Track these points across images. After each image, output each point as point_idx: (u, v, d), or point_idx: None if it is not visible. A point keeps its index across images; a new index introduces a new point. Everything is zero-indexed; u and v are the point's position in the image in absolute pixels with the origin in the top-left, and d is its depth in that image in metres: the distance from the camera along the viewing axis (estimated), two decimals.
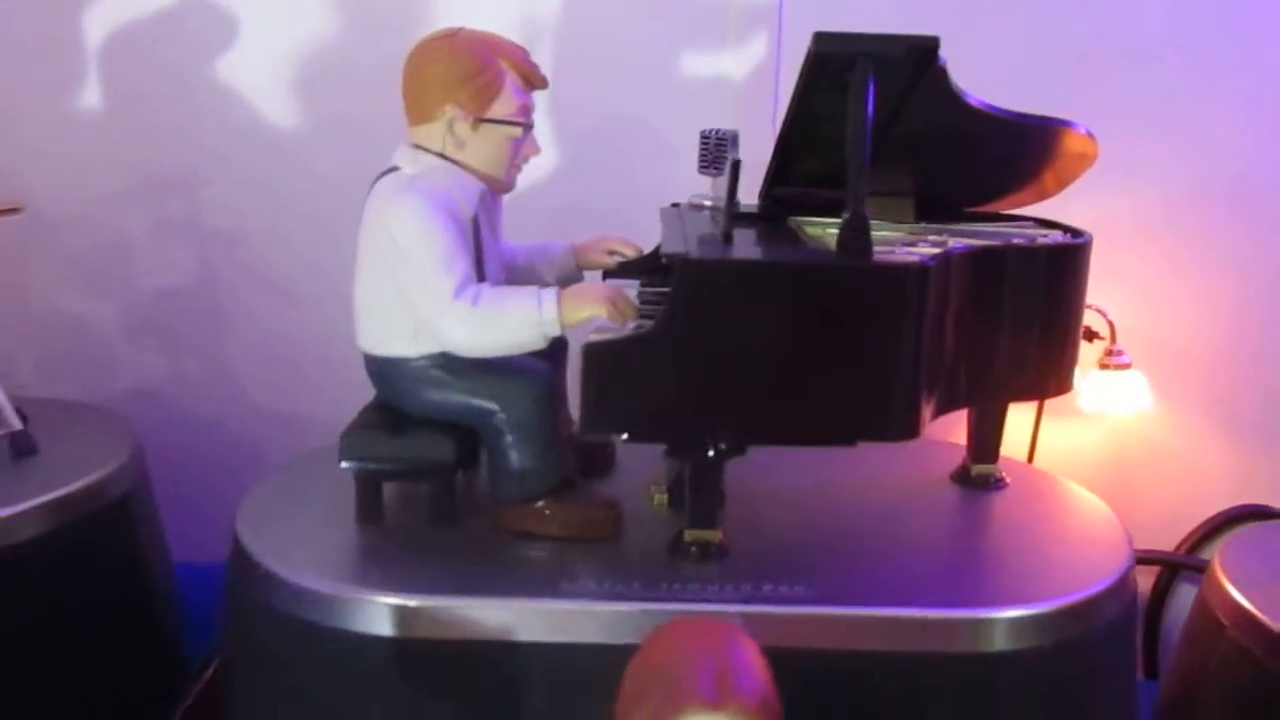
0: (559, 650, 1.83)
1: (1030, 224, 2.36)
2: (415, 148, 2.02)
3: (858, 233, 1.84)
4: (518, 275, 2.22)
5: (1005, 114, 2.07)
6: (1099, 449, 3.03)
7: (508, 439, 1.99)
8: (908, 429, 1.86)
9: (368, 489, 2.07)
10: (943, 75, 1.93)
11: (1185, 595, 2.93)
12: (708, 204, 2.33)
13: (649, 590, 1.87)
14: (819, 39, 1.83)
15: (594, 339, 1.84)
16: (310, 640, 1.88)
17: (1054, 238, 2.22)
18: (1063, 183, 2.34)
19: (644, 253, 2.32)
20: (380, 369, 2.06)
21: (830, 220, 2.18)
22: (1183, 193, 2.87)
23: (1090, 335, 2.72)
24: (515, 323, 1.91)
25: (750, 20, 2.88)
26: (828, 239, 2.04)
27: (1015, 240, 2.14)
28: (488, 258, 2.04)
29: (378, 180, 2.04)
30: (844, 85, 1.84)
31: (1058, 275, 2.11)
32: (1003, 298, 2.04)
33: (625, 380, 1.82)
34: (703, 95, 2.89)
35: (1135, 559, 2.09)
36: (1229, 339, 2.95)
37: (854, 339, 1.84)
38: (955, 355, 1.98)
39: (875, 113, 1.82)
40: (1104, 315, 2.80)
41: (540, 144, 2.11)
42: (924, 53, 1.88)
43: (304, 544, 2.01)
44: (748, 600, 1.84)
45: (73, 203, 2.98)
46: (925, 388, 1.89)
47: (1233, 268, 2.91)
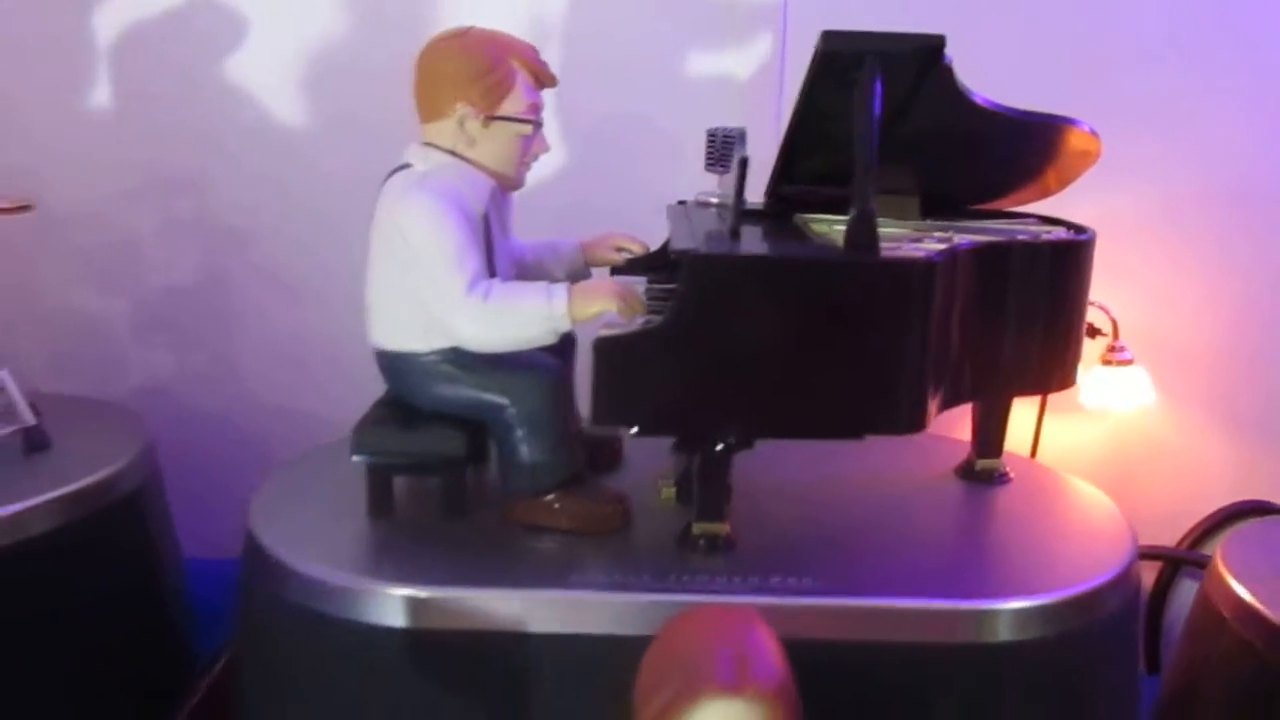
0: (569, 641, 1.84)
1: (1033, 221, 2.37)
2: (427, 145, 2.04)
3: (865, 229, 1.85)
4: (527, 272, 2.23)
5: (1009, 111, 2.09)
6: (1101, 445, 3.04)
7: (518, 433, 2.01)
8: (914, 422, 1.88)
9: (379, 482, 2.08)
10: (948, 73, 1.95)
11: (1186, 591, 2.94)
12: (714, 201, 2.34)
13: (658, 581, 1.87)
14: (827, 37, 1.85)
15: (604, 333, 1.85)
16: (323, 631, 1.89)
17: (1058, 234, 2.23)
18: (1065, 181, 2.35)
19: (651, 250, 2.34)
20: (391, 364, 2.08)
21: (836, 218, 2.19)
22: (1185, 191, 2.88)
23: (1093, 332, 2.72)
24: (526, 318, 1.92)
25: (755, 20, 2.89)
26: (834, 236, 2.06)
27: (1019, 237, 2.15)
28: (498, 254, 2.06)
29: (389, 177, 2.05)
30: (851, 83, 1.85)
31: (1061, 271, 2.12)
32: (1007, 293, 2.05)
33: (635, 374, 1.84)
34: (708, 94, 2.90)
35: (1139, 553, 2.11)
36: (1230, 336, 2.95)
37: (861, 333, 1.85)
38: (960, 350, 1.99)
39: (881, 111, 1.84)
40: (1106, 312, 2.81)
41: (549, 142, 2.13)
42: (930, 51, 1.90)
43: (316, 537, 2.02)
44: (756, 592, 1.85)
45: (83, 201, 2.99)
46: (931, 382, 1.90)
47: (1234, 265, 2.92)
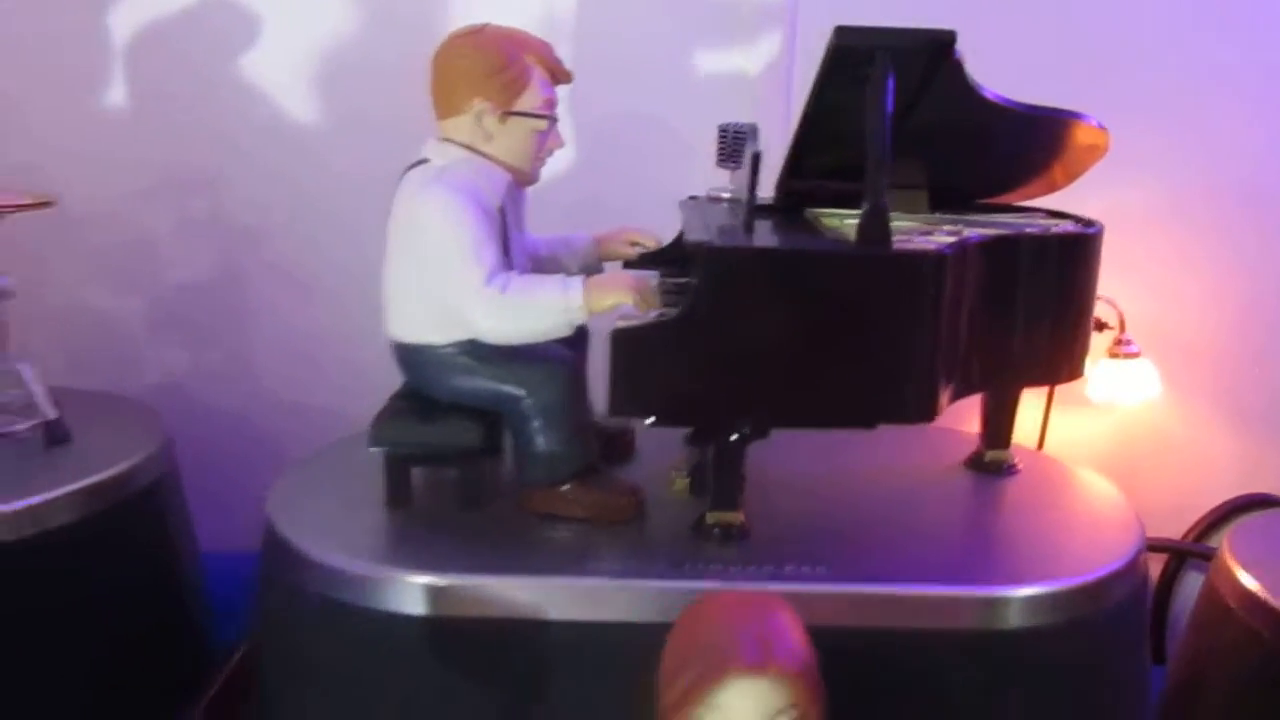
0: (586, 628, 1.86)
1: (1041, 215, 2.40)
2: (444, 141, 2.06)
3: (878, 222, 1.88)
4: (541, 266, 2.25)
5: (1018, 106, 2.12)
6: (1107, 438, 3.05)
7: (535, 423, 2.03)
8: (926, 411, 1.90)
9: (397, 473, 2.10)
10: (959, 68, 1.98)
11: (1192, 584, 2.96)
12: (726, 196, 2.37)
13: (674, 569, 1.90)
14: (840, 32, 1.87)
15: (620, 325, 1.87)
16: (343, 620, 1.91)
17: (1066, 227, 2.26)
18: (1072, 175, 2.37)
19: (664, 244, 2.36)
20: (409, 356, 2.10)
21: (847, 212, 2.21)
22: (1192, 186, 2.89)
23: (1099, 325, 2.74)
24: (543, 310, 1.95)
25: (764, 17, 2.91)
26: (845, 230, 2.08)
27: (1029, 230, 2.18)
28: (514, 248, 2.08)
29: (407, 172, 2.08)
30: (862, 79, 1.87)
31: (1070, 263, 2.15)
32: (1017, 285, 2.08)
33: (651, 365, 1.86)
34: (717, 91, 2.92)
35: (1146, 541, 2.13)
36: (1237, 330, 2.97)
37: (874, 325, 1.88)
38: (971, 340, 2.01)
39: (894, 105, 1.86)
40: (1113, 306, 2.83)
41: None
42: (941, 46, 1.93)
43: (335, 527, 2.04)
44: (771, 579, 1.87)
45: (99, 200, 3.00)
46: (942, 372, 1.93)
47: (1241, 260, 2.93)
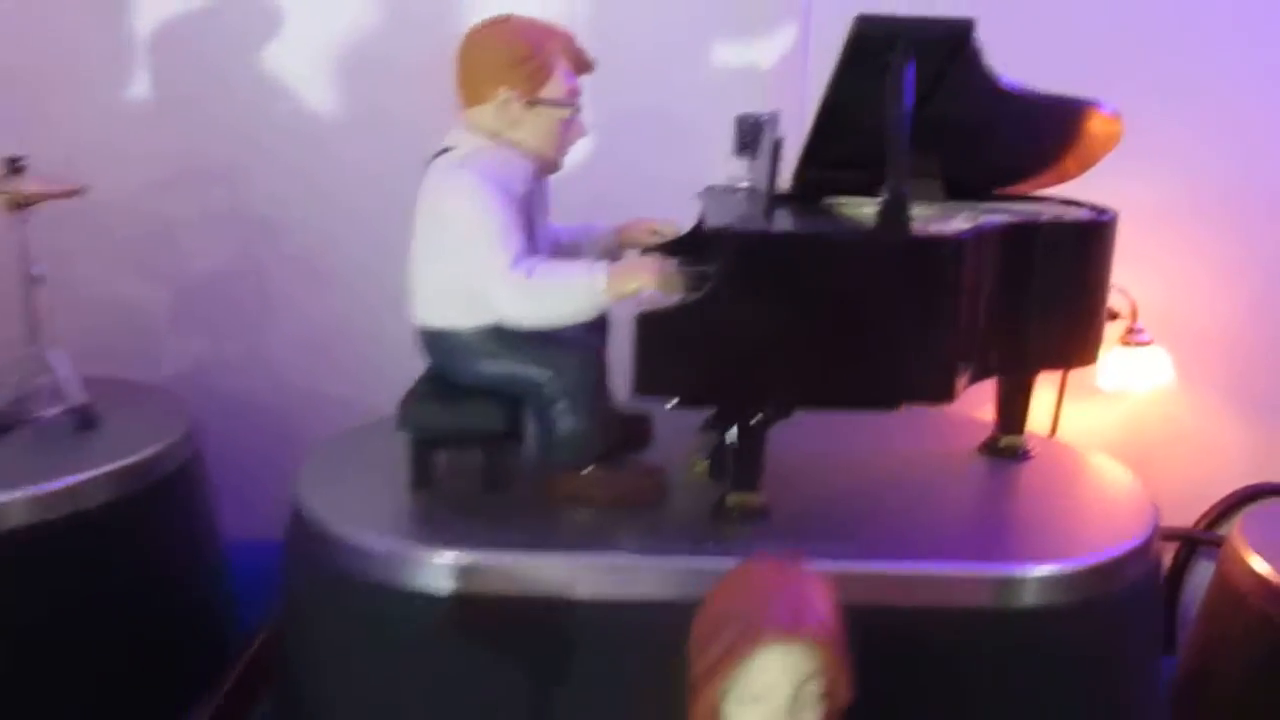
0: (609, 605, 1.89)
1: (1055, 203, 2.42)
2: (469, 129, 2.09)
3: (898, 209, 1.91)
4: (562, 254, 2.26)
5: (1034, 94, 2.14)
6: (1119, 427, 3.08)
7: (559, 406, 2.05)
8: (944, 392, 1.94)
9: (422, 456, 2.14)
10: (976, 57, 2.01)
11: (1202, 573, 2.96)
12: (744, 185, 2.40)
13: (696, 548, 1.93)
14: (861, 21, 1.90)
15: (645, 308, 1.90)
16: (368, 598, 1.95)
17: (1081, 214, 2.28)
18: (1084, 165, 2.39)
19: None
20: (434, 340, 2.12)
21: (864, 200, 2.24)
22: (1204, 176, 2.92)
23: (1112, 314, 2.76)
24: (568, 294, 1.98)
25: (779, 9, 2.94)
26: (863, 217, 2.11)
27: (1044, 217, 2.20)
28: (537, 235, 2.11)
29: (433, 160, 2.10)
30: (880, 68, 1.91)
31: (1085, 250, 2.18)
32: (1032, 271, 2.11)
33: (675, 347, 1.90)
34: (732, 84, 2.95)
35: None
36: (1248, 319, 2.99)
37: (894, 308, 1.91)
38: (987, 324, 2.04)
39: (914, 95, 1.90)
40: (1125, 294, 2.85)
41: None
42: (960, 35, 1.96)
43: (360, 508, 2.08)
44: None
45: (123, 192, 3.03)
46: (960, 354, 1.96)
47: (1252, 249, 2.96)
